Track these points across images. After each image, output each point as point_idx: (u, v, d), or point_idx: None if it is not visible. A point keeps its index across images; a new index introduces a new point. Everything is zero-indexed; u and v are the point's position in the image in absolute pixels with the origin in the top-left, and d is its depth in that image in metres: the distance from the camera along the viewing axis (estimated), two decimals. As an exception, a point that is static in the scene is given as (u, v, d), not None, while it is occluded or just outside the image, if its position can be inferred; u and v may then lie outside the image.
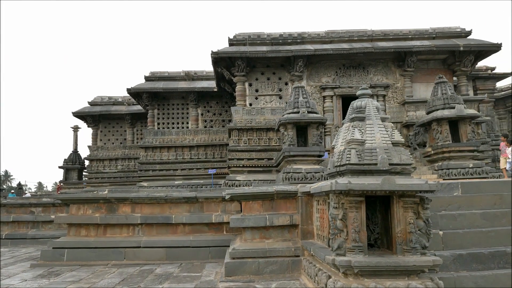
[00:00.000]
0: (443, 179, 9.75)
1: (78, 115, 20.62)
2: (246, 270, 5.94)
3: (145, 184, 16.13)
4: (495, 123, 18.08)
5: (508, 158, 10.36)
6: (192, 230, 7.94)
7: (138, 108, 19.80)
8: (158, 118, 17.95)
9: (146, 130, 17.40)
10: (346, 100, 13.44)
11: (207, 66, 45.90)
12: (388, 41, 13.87)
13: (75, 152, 21.68)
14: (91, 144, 20.74)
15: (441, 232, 5.63)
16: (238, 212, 7.63)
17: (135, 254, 7.63)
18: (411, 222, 4.34)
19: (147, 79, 18.09)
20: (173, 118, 18.03)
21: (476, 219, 6.01)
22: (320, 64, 14.23)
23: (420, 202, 4.44)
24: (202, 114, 17.95)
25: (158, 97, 17.81)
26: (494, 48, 13.56)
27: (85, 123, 21.19)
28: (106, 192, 8.26)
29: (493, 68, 18.33)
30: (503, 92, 19.48)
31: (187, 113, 17.99)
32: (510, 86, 19.66)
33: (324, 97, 14.08)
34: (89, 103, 21.02)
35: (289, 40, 14.06)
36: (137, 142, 20.24)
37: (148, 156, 16.72)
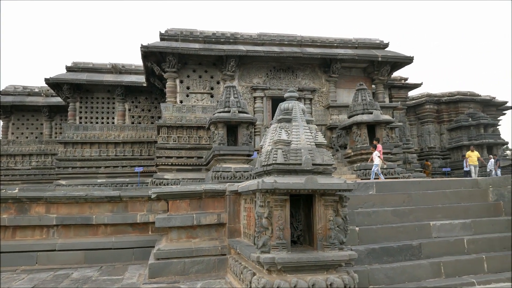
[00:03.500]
0: (361, 179, 10.52)
1: (-15, 105, 18.50)
2: (172, 270, 5.83)
3: (63, 182, 15.00)
4: (406, 128, 19.93)
5: (373, 161, 10.78)
6: (115, 231, 7.56)
7: (57, 100, 18.35)
8: (81, 112, 16.83)
9: (66, 124, 16.20)
10: (276, 102, 13.80)
11: (137, 60, 43.98)
12: (315, 48, 14.56)
13: (-19, 146, 19.40)
14: (1, 138, 18.72)
15: (357, 228, 6.06)
16: (165, 212, 7.45)
17: (49, 258, 7.05)
18: (330, 219, 4.62)
19: (69, 69, 16.85)
20: (97, 112, 17.03)
21: (387, 216, 6.58)
22: (252, 65, 14.47)
23: (339, 200, 4.74)
24: (129, 110, 17.21)
25: (81, 89, 16.68)
26: (407, 60, 14.96)
27: (-7, 114, 19.09)
28: (16, 190, 7.52)
29: (406, 79, 20.19)
30: (414, 101, 21.54)
31: (113, 108, 17.12)
32: (420, 95, 21.81)
33: (255, 97, 14.34)
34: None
35: (222, 39, 14.08)
36: (56, 137, 18.75)
37: (67, 152, 15.57)
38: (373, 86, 15.79)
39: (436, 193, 7.42)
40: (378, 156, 10.54)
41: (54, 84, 16.25)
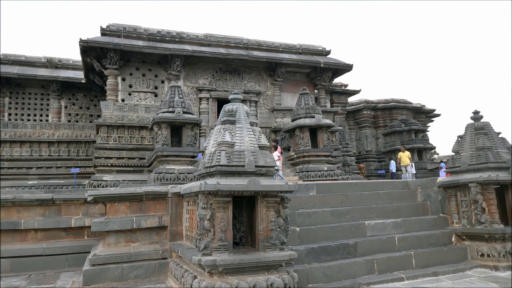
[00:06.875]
0: (303, 181, 10.83)
1: None
2: (108, 277, 5.58)
3: (-13, 184, 13.73)
4: (346, 132, 20.88)
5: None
6: (46, 236, 7.08)
7: (-18, 94, 16.75)
8: (10, 108, 15.52)
9: (-8, 121, 14.86)
10: (222, 103, 13.73)
11: (75, 55, 41.49)
12: (261, 51, 14.75)
13: None
14: None
15: (298, 229, 6.24)
16: (103, 215, 7.12)
17: (-32, 267, 6.42)
18: (272, 220, 4.71)
19: (-3, 61, 15.46)
20: (29, 109, 15.80)
21: (326, 216, 6.85)
22: (198, 65, 14.31)
23: (281, 201, 4.85)
24: (66, 107, 16.18)
25: (11, 83, 15.39)
26: (347, 67, 15.69)
27: None
28: None
29: (346, 85, 21.17)
30: (353, 106, 22.65)
31: (48, 105, 15.99)
32: (358, 101, 22.99)
33: (200, 98, 14.20)
34: None
35: (167, 38, 13.76)
36: (-21, 135, 17.09)
37: (-7, 152, 14.28)
38: (316, 91, 16.33)
39: (371, 194, 7.86)
40: (278, 156, 10.97)
41: (-21, 77, 14.84)
